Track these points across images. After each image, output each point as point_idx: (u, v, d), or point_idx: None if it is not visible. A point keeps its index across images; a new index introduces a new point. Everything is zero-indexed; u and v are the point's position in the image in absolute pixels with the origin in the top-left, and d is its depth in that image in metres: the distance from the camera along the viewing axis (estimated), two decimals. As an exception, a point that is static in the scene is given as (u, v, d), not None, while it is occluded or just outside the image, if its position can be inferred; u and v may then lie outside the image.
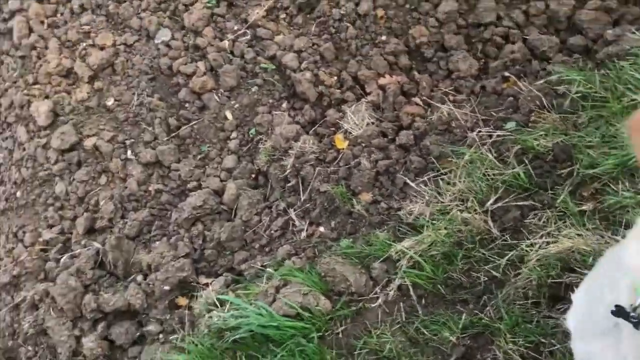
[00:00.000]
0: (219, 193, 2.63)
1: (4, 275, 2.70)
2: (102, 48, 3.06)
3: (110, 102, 2.92)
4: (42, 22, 3.27)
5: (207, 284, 2.41)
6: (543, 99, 2.33)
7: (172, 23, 3.03)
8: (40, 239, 2.73)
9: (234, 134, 2.76)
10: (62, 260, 2.62)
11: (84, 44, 3.11)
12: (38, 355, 2.49)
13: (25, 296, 2.61)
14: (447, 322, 2.02)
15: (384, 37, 2.74)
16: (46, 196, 2.81)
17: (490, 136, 2.34)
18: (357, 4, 2.79)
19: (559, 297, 1.98)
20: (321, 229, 2.37)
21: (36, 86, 3.06)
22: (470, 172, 2.22)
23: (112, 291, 2.49)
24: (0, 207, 2.83)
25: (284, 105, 2.76)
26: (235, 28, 2.93)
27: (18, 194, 2.85)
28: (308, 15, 2.90)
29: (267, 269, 2.30)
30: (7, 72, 3.16)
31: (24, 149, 2.91)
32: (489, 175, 2.21)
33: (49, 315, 2.48)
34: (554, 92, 2.35)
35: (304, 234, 2.40)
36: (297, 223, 2.44)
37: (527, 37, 2.60)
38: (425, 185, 2.28)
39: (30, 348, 2.52)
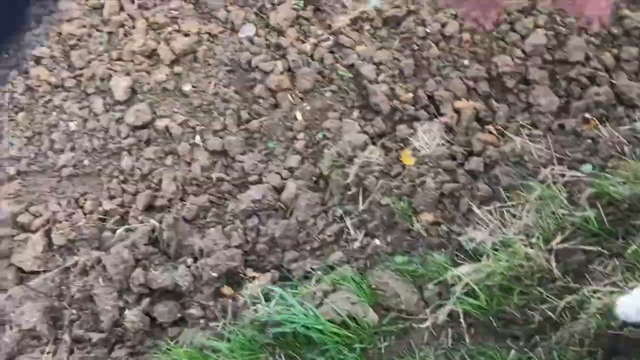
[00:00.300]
0: (278, 190, 2.65)
1: (60, 238, 2.77)
2: (186, 35, 3.14)
3: (187, 88, 2.99)
4: (133, 2, 3.38)
5: (254, 277, 2.42)
6: (625, 145, 2.26)
7: (257, 19, 3.09)
8: (100, 208, 2.80)
9: (301, 135, 2.77)
10: (118, 231, 2.68)
11: (170, 29, 3.19)
12: (81, 319, 2.54)
13: (77, 261, 2.67)
14: (494, 356, 1.95)
15: (466, 61, 2.72)
16: (112, 168, 2.88)
17: (563, 175, 2.27)
18: (443, 25, 2.78)
19: (617, 350, 1.89)
20: (376, 241, 2.35)
21: (119, 62, 3.16)
22: (538, 209, 2.16)
23: (161, 269, 2.52)
24: (67, 172, 2.92)
25: (355, 114, 2.76)
26: (319, 32, 2.96)
27: (86, 162, 2.93)
28: (392, 30, 2.90)
29: (316, 272, 2.29)
30: (93, 45, 3.27)
31: (98, 120, 3.00)
32: (557, 214, 2.14)
33: (97, 283, 2.53)
34: (637, 141, 2.27)
35: (357, 243, 2.38)
36: (352, 232, 2.42)
37: (614, 81, 2.53)
38: (490, 214, 2.23)
39: (74, 311, 2.57)
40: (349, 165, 2.55)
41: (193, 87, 3.00)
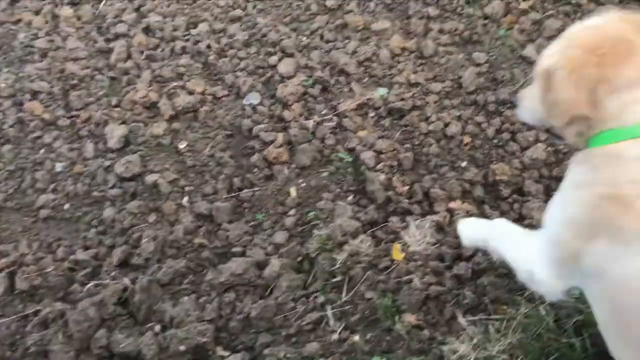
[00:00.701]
0: (261, 266, 2.57)
1: (24, 282, 2.62)
2: (190, 93, 3.13)
3: (182, 146, 2.95)
4: (142, 52, 3.39)
5: (222, 357, 2.31)
6: (615, 274, 2.25)
7: (264, 89, 3.10)
8: (72, 257, 2.67)
9: (292, 212, 2.73)
10: (88, 286, 2.55)
11: (175, 84, 3.19)
12: (31, 376, 2.37)
13: (38, 310, 2.53)
14: None
15: (464, 164, 2.74)
16: (92, 217, 2.79)
17: (551, 295, 2.25)
18: (446, 125, 2.82)
19: None
20: (355, 337, 2.26)
21: (117, 109, 3.12)
22: (524, 328, 2.12)
23: (126, 333, 2.39)
24: (44, 214, 2.81)
25: (350, 198, 2.74)
26: (324, 112, 2.98)
27: (66, 206, 2.83)
28: (395, 121, 2.93)
29: (290, 363, 2.19)
30: (94, 88, 3.24)
31: (86, 165, 2.93)
32: (543, 337, 2.10)
33: (56, 339, 2.38)
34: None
35: (336, 336, 2.29)
36: (331, 322, 2.34)
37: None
38: (475, 325, 2.19)
39: (25, 366, 2.40)
40: (337, 251, 2.50)
41: (189, 146, 2.97)
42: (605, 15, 1.59)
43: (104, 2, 3.72)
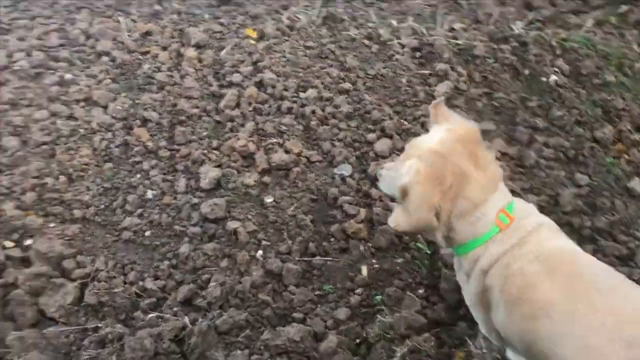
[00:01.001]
0: (318, 338, 2.53)
1: (92, 297, 2.71)
2: (287, 151, 3.23)
3: (268, 200, 3.02)
4: (250, 104, 3.55)
5: (261, 422, 2.26)
6: None
7: (357, 163, 3.15)
8: (141, 283, 2.75)
9: (359, 290, 2.70)
10: (150, 315, 2.60)
11: (274, 140, 3.30)
12: (77, 391, 2.41)
13: (98, 327, 2.59)
14: None
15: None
16: (169, 249, 2.87)
17: None
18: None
19: None
20: None
21: (216, 152, 3.26)
22: None
23: (174, 373, 2.40)
24: (126, 236, 2.92)
25: (421, 291, 2.68)
26: (411, 198, 2.97)
27: (147, 233, 2.93)
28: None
29: None
30: (199, 128, 3.40)
31: (175, 199, 3.04)
32: None
33: (109, 360, 2.43)
34: None
35: None
36: (378, 416, 2.26)
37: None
38: None
39: (74, 379, 2.45)
40: (398, 343, 2.43)
41: (275, 201, 3.03)
42: (445, 133, 2.00)
43: (225, 50, 3.95)
